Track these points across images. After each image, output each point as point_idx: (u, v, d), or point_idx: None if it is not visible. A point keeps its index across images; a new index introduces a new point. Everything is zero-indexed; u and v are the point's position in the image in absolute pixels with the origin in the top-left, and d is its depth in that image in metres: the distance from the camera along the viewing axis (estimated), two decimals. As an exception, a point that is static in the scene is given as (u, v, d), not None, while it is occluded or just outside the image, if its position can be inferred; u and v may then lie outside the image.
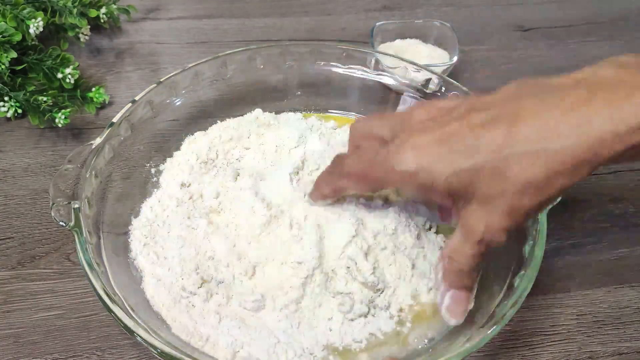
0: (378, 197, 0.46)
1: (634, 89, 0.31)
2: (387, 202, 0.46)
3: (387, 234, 0.44)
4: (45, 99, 0.57)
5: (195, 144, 0.54)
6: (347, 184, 0.41)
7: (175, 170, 0.52)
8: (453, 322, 0.40)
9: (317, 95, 0.60)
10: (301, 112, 0.59)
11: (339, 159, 0.42)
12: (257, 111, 0.57)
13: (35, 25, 0.59)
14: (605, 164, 0.33)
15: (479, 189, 0.34)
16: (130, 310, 0.40)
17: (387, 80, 0.59)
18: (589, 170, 0.33)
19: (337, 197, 0.44)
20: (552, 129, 0.32)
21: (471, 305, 0.40)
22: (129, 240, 0.47)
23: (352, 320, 0.43)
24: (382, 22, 0.69)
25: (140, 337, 0.37)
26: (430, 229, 0.48)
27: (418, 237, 0.46)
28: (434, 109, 0.38)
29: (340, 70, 0.59)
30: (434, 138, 0.35)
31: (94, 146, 0.47)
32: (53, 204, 0.43)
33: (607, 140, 0.31)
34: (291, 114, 0.58)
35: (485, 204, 0.35)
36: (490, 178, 0.34)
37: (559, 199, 0.41)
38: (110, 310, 0.38)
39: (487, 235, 0.36)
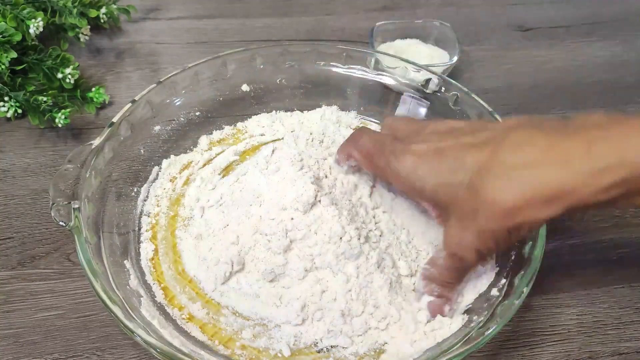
0: None
1: (614, 131, 0.32)
2: None
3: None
4: (45, 99, 0.57)
5: None
6: (356, 155, 0.45)
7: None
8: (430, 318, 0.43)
9: (317, 95, 0.60)
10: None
11: (361, 131, 0.46)
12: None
13: (35, 25, 0.59)
14: (581, 208, 0.33)
15: (458, 206, 0.37)
16: (130, 310, 0.40)
17: (387, 80, 0.59)
18: (562, 208, 0.33)
19: (352, 164, 0.46)
20: (533, 158, 0.33)
21: (450, 315, 0.42)
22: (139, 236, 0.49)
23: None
24: (382, 22, 0.69)
25: (140, 337, 0.37)
26: None
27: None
28: (445, 126, 0.41)
29: (340, 70, 0.60)
30: (431, 150, 0.38)
31: (94, 146, 0.47)
32: (53, 204, 0.43)
33: (583, 177, 0.32)
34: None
35: (460, 220, 0.37)
36: (467, 196, 0.36)
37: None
38: (110, 310, 0.38)
39: (458, 251, 0.39)
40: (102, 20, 0.70)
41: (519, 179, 0.33)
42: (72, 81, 0.60)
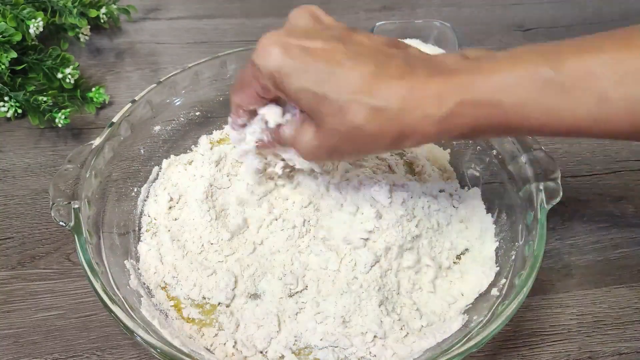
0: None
1: (456, 75, 0.33)
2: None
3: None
4: (45, 99, 0.57)
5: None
6: (235, 98, 0.41)
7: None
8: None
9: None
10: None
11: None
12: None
13: (35, 25, 0.59)
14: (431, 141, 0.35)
15: (319, 117, 0.35)
16: (130, 310, 0.40)
17: (387, 80, 0.59)
18: (412, 144, 0.35)
19: (241, 115, 0.43)
20: (398, 96, 0.33)
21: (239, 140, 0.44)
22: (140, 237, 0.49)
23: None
24: (382, 22, 0.69)
25: (140, 337, 0.37)
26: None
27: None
28: (315, 20, 0.39)
29: (340, 70, 0.59)
30: (303, 47, 0.34)
31: (94, 146, 0.47)
32: (53, 204, 0.43)
33: (431, 122, 0.33)
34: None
35: (319, 130, 0.36)
36: (331, 112, 0.34)
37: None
38: (110, 310, 0.38)
39: (305, 153, 0.38)
40: (102, 20, 0.70)
41: (381, 115, 0.33)
42: (72, 81, 0.60)
